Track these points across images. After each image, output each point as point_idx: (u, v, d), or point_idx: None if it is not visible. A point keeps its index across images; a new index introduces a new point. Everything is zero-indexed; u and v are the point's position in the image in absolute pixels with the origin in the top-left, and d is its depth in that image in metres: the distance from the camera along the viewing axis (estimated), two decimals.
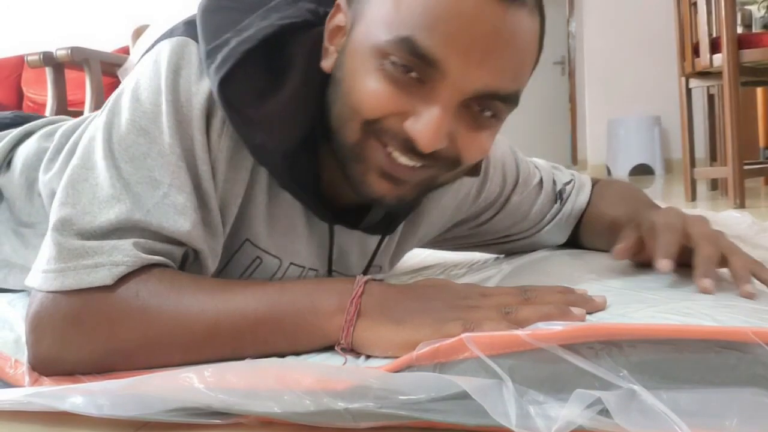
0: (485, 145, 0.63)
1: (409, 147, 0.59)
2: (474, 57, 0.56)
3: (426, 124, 0.57)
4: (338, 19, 0.64)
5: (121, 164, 0.60)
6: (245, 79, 0.60)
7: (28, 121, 0.93)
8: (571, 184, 0.97)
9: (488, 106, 0.60)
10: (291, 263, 0.72)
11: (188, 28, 0.65)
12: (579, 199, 0.96)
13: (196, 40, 0.63)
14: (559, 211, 0.95)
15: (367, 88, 0.59)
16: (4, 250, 0.86)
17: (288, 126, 0.63)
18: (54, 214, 0.60)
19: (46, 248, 0.59)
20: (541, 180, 0.94)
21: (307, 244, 0.72)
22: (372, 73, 0.58)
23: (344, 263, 0.77)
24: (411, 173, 0.61)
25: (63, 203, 0.60)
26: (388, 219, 0.76)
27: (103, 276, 0.57)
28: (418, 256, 1.16)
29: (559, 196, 0.95)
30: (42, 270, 0.58)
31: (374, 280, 0.59)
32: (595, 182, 0.99)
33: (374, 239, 0.78)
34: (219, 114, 0.62)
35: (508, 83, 0.59)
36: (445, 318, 0.54)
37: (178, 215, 0.60)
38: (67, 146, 0.79)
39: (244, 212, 0.67)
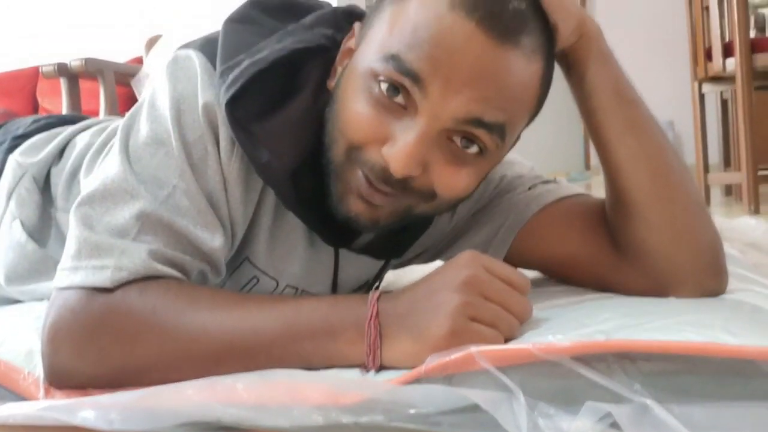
0: (464, 183, 0.62)
1: (384, 176, 0.59)
2: (454, 83, 0.56)
3: (400, 148, 0.57)
4: (351, 41, 0.65)
5: (135, 166, 0.62)
6: (253, 98, 0.61)
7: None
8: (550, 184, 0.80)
9: (473, 139, 0.59)
10: (287, 285, 0.72)
11: (204, 44, 0.66)
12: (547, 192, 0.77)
13: (208, 57, 0.64)
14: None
15: (352, 111, 0.60)
16: (50, 246, 0.86)
17: (293, 144, 0.63)
18: (75, 209, 0.61)
19: (69, 243, 0.61)
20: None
21: (306, 267, 0.72)
22: (361, 95, 0.59)
23: (348, 288, 0.77)
24: (386, 199, 0.61)
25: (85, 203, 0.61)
26: (393, 242, 0.76)
27: (103, 278, 0.57)
28: None
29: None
30: (60, 268, 0.60)
31: (382, 294, 0.58)
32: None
33: (378, 263, 0.77)
34: (226, 135, 0.62)
35: (493, 111, 0.58)
36: (459, 313, 0.53)
37: (206, 231, 0.61)
38: (106, 147, 0.81)
39: (247, 231, 0.68)
